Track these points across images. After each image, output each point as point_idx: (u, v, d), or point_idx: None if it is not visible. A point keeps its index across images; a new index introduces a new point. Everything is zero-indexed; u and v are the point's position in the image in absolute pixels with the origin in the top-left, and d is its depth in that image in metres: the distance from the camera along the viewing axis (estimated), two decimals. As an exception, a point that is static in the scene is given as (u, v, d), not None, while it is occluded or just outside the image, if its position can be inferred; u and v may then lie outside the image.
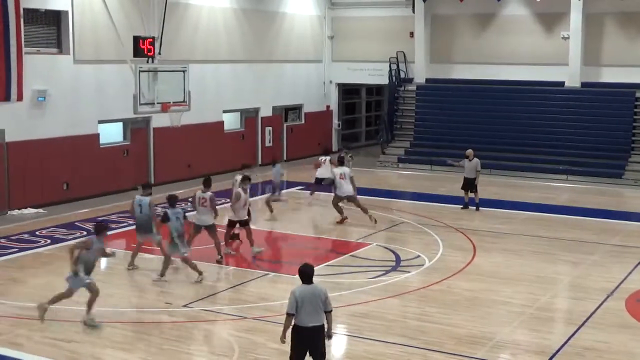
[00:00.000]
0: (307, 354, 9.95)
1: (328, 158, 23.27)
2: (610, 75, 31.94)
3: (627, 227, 21.16)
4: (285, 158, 32.89)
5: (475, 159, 22.52)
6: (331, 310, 9.98)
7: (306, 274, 9.95)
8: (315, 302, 9.80)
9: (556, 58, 32.30)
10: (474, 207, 22.68)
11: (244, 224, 17.43)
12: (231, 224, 17.60)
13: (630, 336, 12.69)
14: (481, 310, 13.95)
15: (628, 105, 30.93)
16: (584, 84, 32.17)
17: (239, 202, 17.18)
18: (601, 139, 30.15)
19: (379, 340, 12.29)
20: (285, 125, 33.76)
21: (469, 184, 22.63)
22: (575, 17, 31.82)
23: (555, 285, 15.81)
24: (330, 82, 36.27)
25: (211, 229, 16.44)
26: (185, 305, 13.88)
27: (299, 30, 34.34)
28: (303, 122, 34.85)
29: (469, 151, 22.78)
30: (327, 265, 16.73)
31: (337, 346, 12.01)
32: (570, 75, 32.25)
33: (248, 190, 17.67)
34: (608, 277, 16.00)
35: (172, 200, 15.48)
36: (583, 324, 13.16)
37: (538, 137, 30.78)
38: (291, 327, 9.89)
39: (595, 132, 30.49)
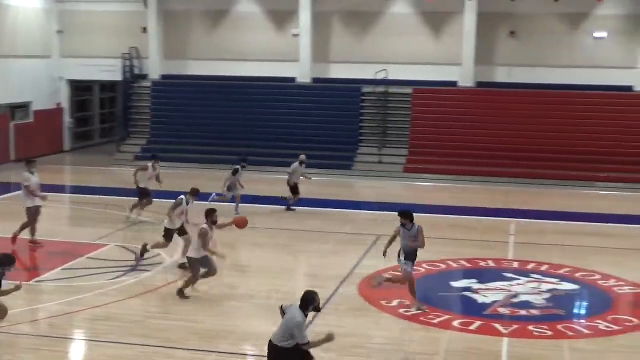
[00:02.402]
0: None
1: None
2: (338, 72, 33.47)
3: (359, 216, 22.31)
4: (13, 158, 31.06)
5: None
6: (304, 344, 9.62)
7: (302, 296, 9.88)
8: (284, 323, 9.73)
9: (288, 55, 33.28)
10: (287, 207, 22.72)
11: None
12: None
13: (365, 319, 13.39)
14: (224, 304, 14.04)
15: (355, 100, 32.58)
16: (314, 80, 33.44)
17: None
18: (332, 132, 31.51)
19: (120, 343, 11.96)
20: (12, 124, 31.88)
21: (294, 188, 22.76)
22: (305, 15, 32.98)
23: (295, 275, 16.29)
24: (61, 78, 34.78)
25: None
26: None
27: (25, 24, 32.56)
28: (32, 120, 33.11)
29: (303, 157, 23.06)
30: (64, 269, 16.03)
31: (74, 354, 11.53)
32: (301, 72, 33.39)
33: None
34: (341, 264, 16.72)
35: None
36: (320, 310, 13.66)
37: (273, 132, 31.51)
38: None
39: (327, 126, 31.82)
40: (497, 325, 13.17)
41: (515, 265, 17.22)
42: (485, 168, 29.21)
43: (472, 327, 13.11)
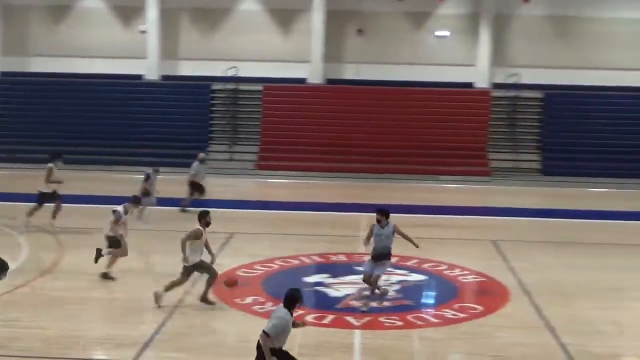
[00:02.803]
0: None
1: None
2: (188, 69, 33.12)
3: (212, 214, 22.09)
4: None
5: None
6: (265, 332, 9.62)
7: (285, 295, 9.90)
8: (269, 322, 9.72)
9: (135, 52, 32.63)
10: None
11: None
12: None
13: (219, 317, 13.31)
14: (72, 308, 13.58)
15: (205, 97, 32.36)
16: (163, 77, 32.95)
17: None
18: (182, 130, 31.15)
19: (-39, 355, 11.35)
20: None
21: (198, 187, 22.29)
22: (152, 12, 32.42)
23: (144, 276, 15.96)
24: None
25: None
26: None
27: None
28: None
29: (202, 155, 22.85)
30: None
31: None
32: (149, 69, 32.82)
33: None
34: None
35: None
36: (173, 310, 13.47)
37: (121, 131, 30.82)
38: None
39: (176, 124, 31.44)
40: (350, 318, 13.39)
41: (366, 258, 17.57)
42: (336, 164, 29.70)
43: (325, 321, 13.28)
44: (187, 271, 13.64)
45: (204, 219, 13.78)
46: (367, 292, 14.78)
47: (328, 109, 31.79)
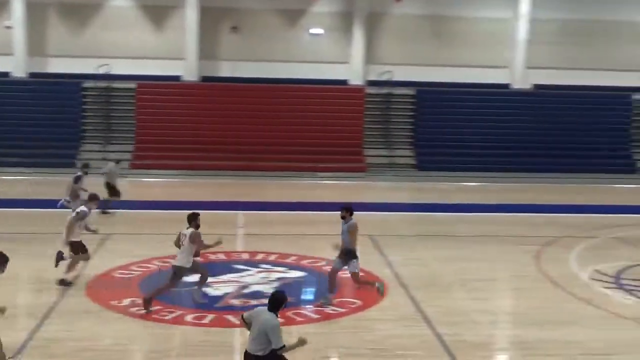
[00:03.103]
0: None
1: None
2: (57, 66, 32.11)
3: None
4: None
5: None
6: (279, 349, 9.11)
7: (270, 298, 9.50)
8: (256, 331, 9.23)
9: (1, 48, 31.41)
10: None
11: None
12: None
13: (95, 321, 12.94)
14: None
15: (76, 95, 31.52)
16: (31, 75, 31.82)
17: None
18: (52, 129, 30.19)
19: None
20: None
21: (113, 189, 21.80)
22: (18, 7, 31.25)
23: (17, 280, 15.36)
24: None
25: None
26: None
27: None
28: None
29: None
30: None
31: None
32: (16, 66, 31.64)
33: None
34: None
35: None
36: (46, 316, 13.02)
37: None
38: None
39: (46, 123, 30.44)
40: (230, 317, 13.30)
41: (245, 256, 17.51)
42: (212, 162, 29.48)
43: (205, 321, 13.14)
44: (181, 275, 13.49)
45: (195, 222, 13.58)
46: (246, 290, 14.71)
47: (204, 106, 31.49)
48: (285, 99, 32.11)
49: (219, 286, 15.08)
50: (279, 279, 15.59)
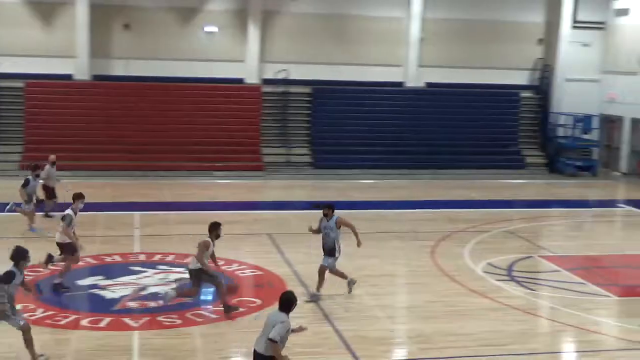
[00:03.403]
0: None
1: None
2: None
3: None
4: None
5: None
6: (272, 340, 9.32)
7: (280, 299, 9.66)
8: (268, 329, 9.47)
9: None
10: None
11: None
12: None
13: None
14: None
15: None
16: None
17: None
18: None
19: None
20: None
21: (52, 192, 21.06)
22: None
23: None
24: None
25: None
26: None
27: None
28: None
29: (53, 157, 21.78)
30: None
31: None
32: None
33: None
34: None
35: None
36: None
37: None
38: None
39: None
40: (127, 320, 13.08)
41: (142, 257, 17.25)
42: (106, 162, 28.89)
43: (101, 324, 12.87)
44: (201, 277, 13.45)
45: (215, 232, 13.64)
46: (144, 292, 14.50)
47: (96, 105, 30.75)
48: (180, 98, 31.67)
49: (116, 289, 14.81)
50: (177, 279, 15.40)
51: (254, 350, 9.63)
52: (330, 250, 14.56)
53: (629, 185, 30.65)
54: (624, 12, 33.26)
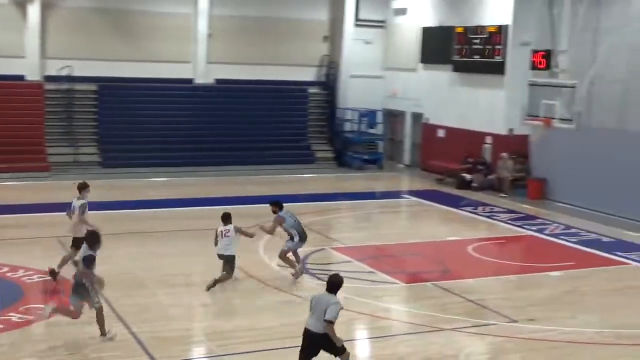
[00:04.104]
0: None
1: None
2: None
3: None
4: None
5: None
6: (328, 321, 10.05)
7: (328, 281, 10.61)
8: (318, 310, 10.20)
9: None
10: None
11: None
12: None
13: None
14: None
15: None
16: None
17: None
18: None
19: None
20: None
21: None
22: None
23: None
24: None
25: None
26: None
27: None
28: None
29: None
30: None
31: None
32: None
33: None
34: None
35: None
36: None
37: None
38: None
39: None
40: None
41: None
42: None
43: None
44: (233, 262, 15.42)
45: (230, 219, 15.77)
46: None
47: None
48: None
49: None
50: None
51: (307, 330, 10.38)
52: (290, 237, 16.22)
53: (411, 177, 32.26)
54: (402, 11, 34.93)
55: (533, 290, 16.33)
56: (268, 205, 16.58)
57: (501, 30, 28.50)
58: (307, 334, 10.37)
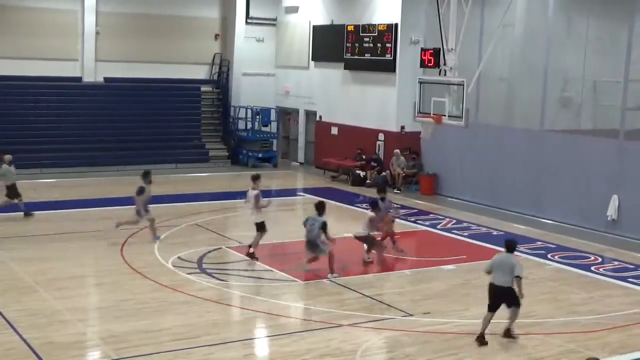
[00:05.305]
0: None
1: None
2: None
3: None
4: None
5: None
6: (518, 276, 12.47)
7: (506, 244, 12.92)
8: (504, 268, 12.50)
9: None
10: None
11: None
12: None
13: None
14: None
15: None
16: None
17: None
18: None
19: None
20: None
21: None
22: None
23: None
24: None
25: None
26: None
27: None
28: None
29: (8, 156, 21.69)
30: None
31: None
32: None
33: None
34: None
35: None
36: None
37: None
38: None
39: None
40: None
41: None
42: None
43: None
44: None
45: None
46: None
47: None
48: None
49: None
50: None
51: (493, 285, 12.58)
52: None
53: (306, 175, 32.40)
54: (293, 9, 35.02)
55: (428, 284, 16.66)
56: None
57: (391, 28, 28.96)
58: (495, 289, 12.55)
